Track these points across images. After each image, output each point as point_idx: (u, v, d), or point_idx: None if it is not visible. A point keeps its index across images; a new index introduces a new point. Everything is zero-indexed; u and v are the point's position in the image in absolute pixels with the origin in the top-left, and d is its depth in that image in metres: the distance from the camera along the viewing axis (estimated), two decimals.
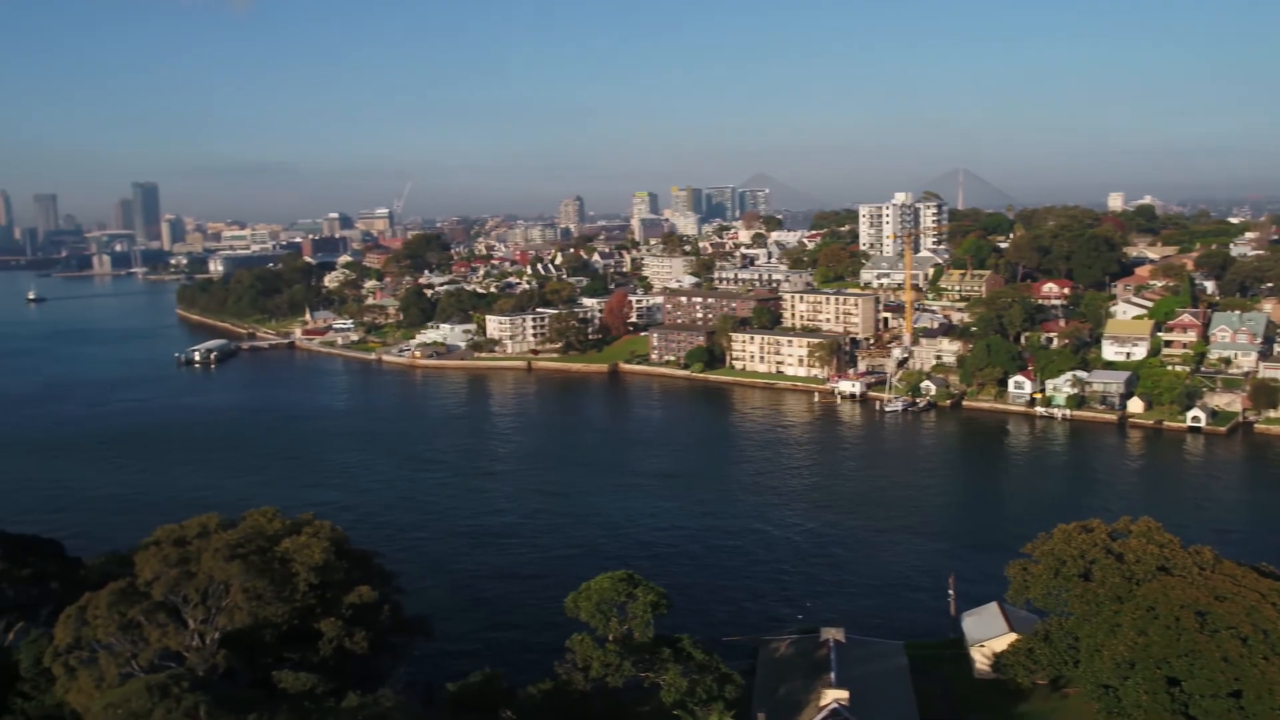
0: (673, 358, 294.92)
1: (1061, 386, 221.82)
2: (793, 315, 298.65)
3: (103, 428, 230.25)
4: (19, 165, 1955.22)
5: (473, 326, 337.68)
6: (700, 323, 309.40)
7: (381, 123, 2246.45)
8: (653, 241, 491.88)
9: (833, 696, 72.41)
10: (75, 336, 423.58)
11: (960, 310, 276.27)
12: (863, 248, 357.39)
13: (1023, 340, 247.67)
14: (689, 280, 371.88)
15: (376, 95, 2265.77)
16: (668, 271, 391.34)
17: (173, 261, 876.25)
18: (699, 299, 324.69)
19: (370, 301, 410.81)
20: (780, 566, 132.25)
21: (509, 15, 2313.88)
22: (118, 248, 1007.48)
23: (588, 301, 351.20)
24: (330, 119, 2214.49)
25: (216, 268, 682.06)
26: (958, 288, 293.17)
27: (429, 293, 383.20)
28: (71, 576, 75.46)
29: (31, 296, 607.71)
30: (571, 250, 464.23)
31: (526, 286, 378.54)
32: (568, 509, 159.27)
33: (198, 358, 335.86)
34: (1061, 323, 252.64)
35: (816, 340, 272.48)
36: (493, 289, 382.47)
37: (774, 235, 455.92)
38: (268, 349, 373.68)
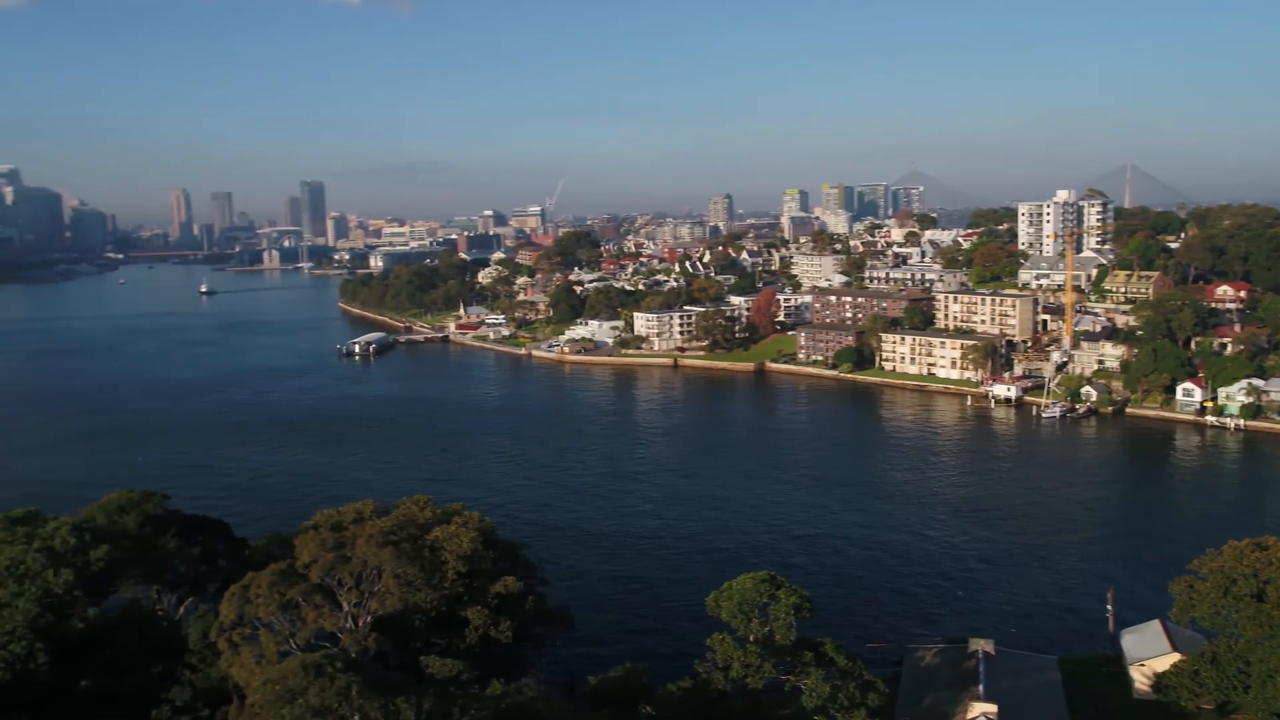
0: (820, 357, 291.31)
1: (1235, 395, 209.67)
2: (946, 316, 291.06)
3: (270, 415, 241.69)
4: (199, 165, 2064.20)
5: (620, 323, 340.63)
6: (849, 322, 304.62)
7: (535, 122, 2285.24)
8: (802, 240, 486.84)
9: (980, 710, 70.16)
10: (247, 327, 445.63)
11: (1125, 313, 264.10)
12: (1021, 247, 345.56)
13: (1193, 346, 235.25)
14: (839, 279, 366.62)
15: (531, 95, 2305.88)
16: (817, 270, 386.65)
17: (336, 257, 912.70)
18: (849, 298, 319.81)
19: (521, 297, 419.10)
20: (927, 574, 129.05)
21: (658, 14, 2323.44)
22: (286, 243, 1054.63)
23: (735, 300, 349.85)
24: (487, 118, 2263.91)
25: (377, 263, 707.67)
26: (1123, 289, 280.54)
27: (578, 289, 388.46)
28: (237, 556, 79.19)
29: (203, 289, 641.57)
30: (720, 248, 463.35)
31: (674, 284, 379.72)
32: (710, 508, 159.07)
33: (358, 350, 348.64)
34: (1237, 328, 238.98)
35: (970, 342, 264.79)
36: (641, 286, 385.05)
37: (928, 234, 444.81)
38: (423, 342, 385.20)
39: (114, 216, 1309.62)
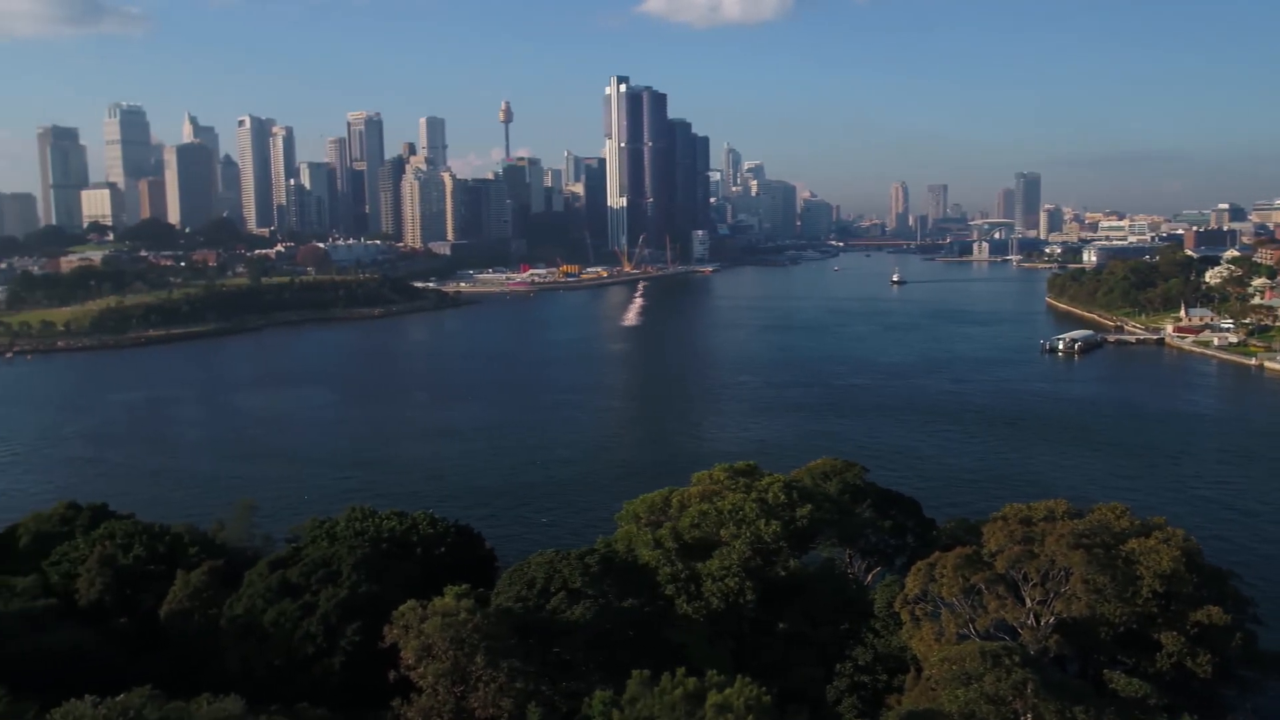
0: None
1: None
2: None
3: (963, 403, 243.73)
4: (917, 159, 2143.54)
5: None
6: None
7: None
8: None
9: None
10: (949, 316, 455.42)
11: None
12: None
13: None
14: None
15: None
16: None
17: (1047, 250, 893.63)
18: None
19: (1256, 300, 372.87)
20: None
21: None
22: (997, 235, 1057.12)
23: None
24: (1229, 102, 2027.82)
25: (1090, 258, 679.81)
26: None
27: None
28: (925, 534, 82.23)
29: (895, 279, 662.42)
30: None
31: None
32: None
33: (1061, 346, 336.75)
34: None
35: None
36: None
37: None
38: (1134, 343, 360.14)
39: (838, 207, 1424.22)
